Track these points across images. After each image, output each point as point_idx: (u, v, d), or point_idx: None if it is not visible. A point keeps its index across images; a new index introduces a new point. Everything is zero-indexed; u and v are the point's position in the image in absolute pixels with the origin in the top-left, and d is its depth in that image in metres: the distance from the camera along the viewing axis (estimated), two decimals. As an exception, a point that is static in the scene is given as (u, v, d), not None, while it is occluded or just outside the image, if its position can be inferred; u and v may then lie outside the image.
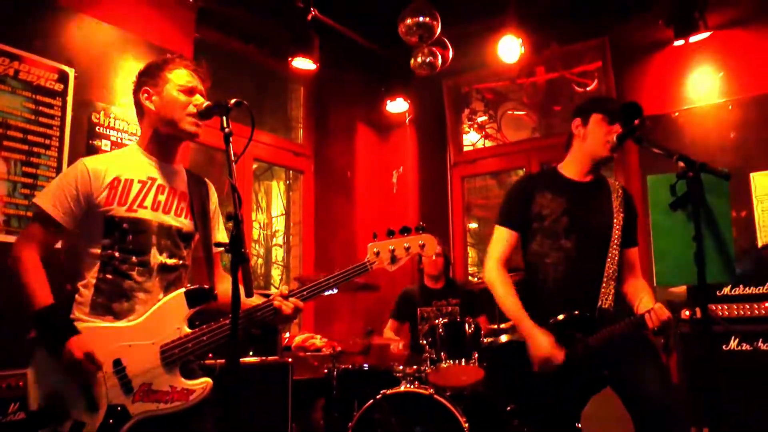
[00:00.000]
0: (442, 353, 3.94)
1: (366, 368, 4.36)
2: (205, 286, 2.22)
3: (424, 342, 4.08)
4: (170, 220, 2.24)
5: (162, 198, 2.23)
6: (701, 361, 2.34)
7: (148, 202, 2.20)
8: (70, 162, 2.26)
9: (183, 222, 2.27)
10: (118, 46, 3.98)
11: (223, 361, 3.29)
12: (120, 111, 3.90)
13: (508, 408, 2.86)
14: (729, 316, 3.76)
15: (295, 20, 4.96)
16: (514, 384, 2.87)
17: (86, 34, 3.82)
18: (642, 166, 4.99)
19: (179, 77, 2.26)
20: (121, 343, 2.07)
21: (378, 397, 3.81)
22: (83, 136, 3.73)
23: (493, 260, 2.89)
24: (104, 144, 3.81)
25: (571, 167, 2.91)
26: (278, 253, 6.29)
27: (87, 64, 3.80)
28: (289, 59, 5.03)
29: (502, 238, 2.89)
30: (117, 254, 2.13)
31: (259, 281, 5.99)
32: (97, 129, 3.79)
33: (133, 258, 2.14)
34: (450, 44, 5.19)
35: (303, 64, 5.09)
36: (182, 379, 2.11)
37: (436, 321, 4.06)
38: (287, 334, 4.83)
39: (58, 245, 2.34)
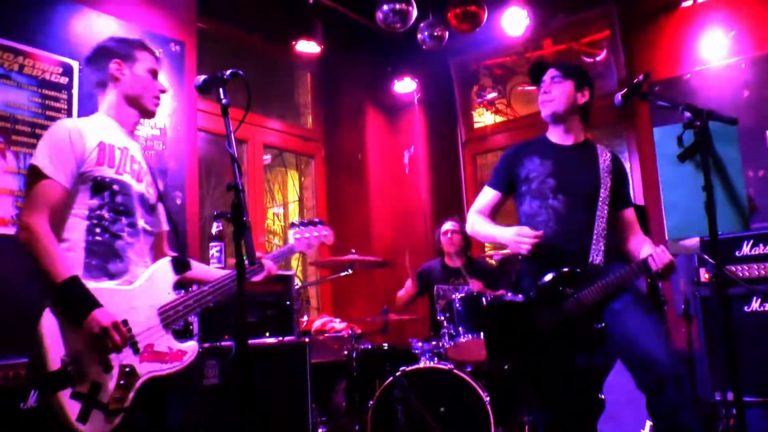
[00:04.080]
0: (460, 328, 3.93)
1: (386, 347, 4.37)
2: (183, 256, 2.36)
3: (442, 318, 4.07)
4: (142, 188, 2.34)
5: (135, 167, 2.33)
6: (722, 323, 2.30)
7: (127, 169, 2.28)
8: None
9: (150, 192, 2.38)
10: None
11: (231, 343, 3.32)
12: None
13: (506, 367, 2.91)
14: (749, 277, 3.69)
15: (295, 4, 4.95)
16: (507, 344, 2.92)
17: (88, 27, 3.83)
18: (654, 123, 4.90)
19: (147, 60, 2.40)
20: (126, 305, 2.14)
21: (397, 374, 3.80)
22: (91, 128, 3.75)
23: (471, 212, 3.10)
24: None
25: (553, 132, 3.06)
26: (295, 242, 6.28)
27: (91, 56, 3.81)
28: (293, 43, 5.02)
29: (483, 195, 3.10)
30: (107, 215, 2.18)
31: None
32: (104, 121, 3.81)
33: (123, 219, 2.22)
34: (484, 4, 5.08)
35: (307, 47, 5.08)
36: (176, 341, 2.21)
37: (453, 296, 4.06)
38: (305, 318, 4.84)
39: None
